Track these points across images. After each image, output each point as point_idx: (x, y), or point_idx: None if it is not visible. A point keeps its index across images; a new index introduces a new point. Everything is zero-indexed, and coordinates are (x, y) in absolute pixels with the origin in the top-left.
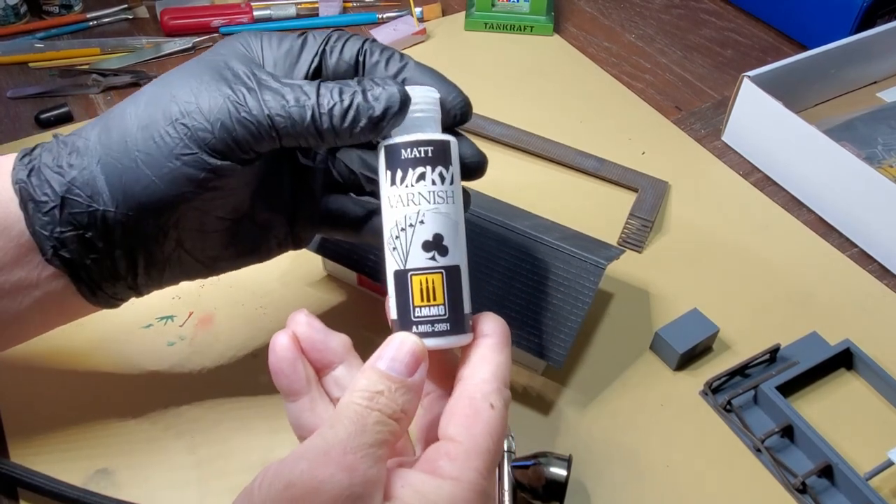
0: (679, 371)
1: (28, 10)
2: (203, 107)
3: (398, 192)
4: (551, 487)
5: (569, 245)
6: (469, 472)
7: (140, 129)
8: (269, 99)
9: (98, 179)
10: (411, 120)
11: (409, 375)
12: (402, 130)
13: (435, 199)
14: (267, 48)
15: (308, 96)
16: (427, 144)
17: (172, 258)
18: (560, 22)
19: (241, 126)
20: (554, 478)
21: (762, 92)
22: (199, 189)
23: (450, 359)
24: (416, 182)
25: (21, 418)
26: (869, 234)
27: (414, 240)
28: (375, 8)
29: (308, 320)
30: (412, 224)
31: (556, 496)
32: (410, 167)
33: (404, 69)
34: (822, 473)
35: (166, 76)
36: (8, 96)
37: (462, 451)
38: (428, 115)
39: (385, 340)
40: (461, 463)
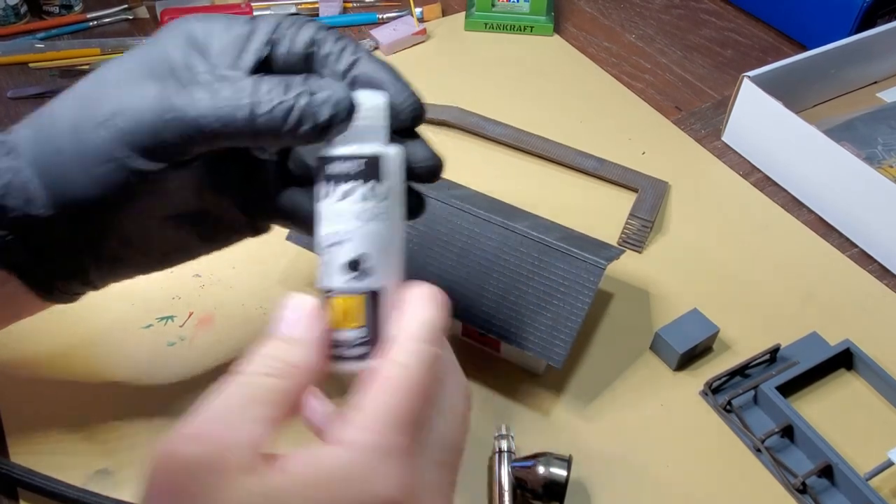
0: (679, 371)
1: (28, 10)
2: (132, 106)
3: (326, 207)
4: (551, 487)
5: (569, 245)
6: (366, 433)
7: (71, 131)
8: (201, 97)
9: (32, 183)
10: (352, 128)
11: (295, 334)
12: (341, 140)
13: (363, 217)
14: (213, 35)
15: (245, 94)
16: (358, 158)
17: (121, 255)
18: (560, 22)
19: (170, 128)
20: (554, 478)
21: (762, 92)
22: (134, 192)
23: None
24: (344, 198)
25: (21, 418)
26: (869, 234)
27: (338, 259)
28: (375, 8)
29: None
30: (338, 242)
31: (556, 496)
32: (339, 182)
33: (356, 64)
34: (822, 473)
35: (100, 70)
36: (8, 96)
37: (360, 415)
38: (370, 123)
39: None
40: (358, 425)
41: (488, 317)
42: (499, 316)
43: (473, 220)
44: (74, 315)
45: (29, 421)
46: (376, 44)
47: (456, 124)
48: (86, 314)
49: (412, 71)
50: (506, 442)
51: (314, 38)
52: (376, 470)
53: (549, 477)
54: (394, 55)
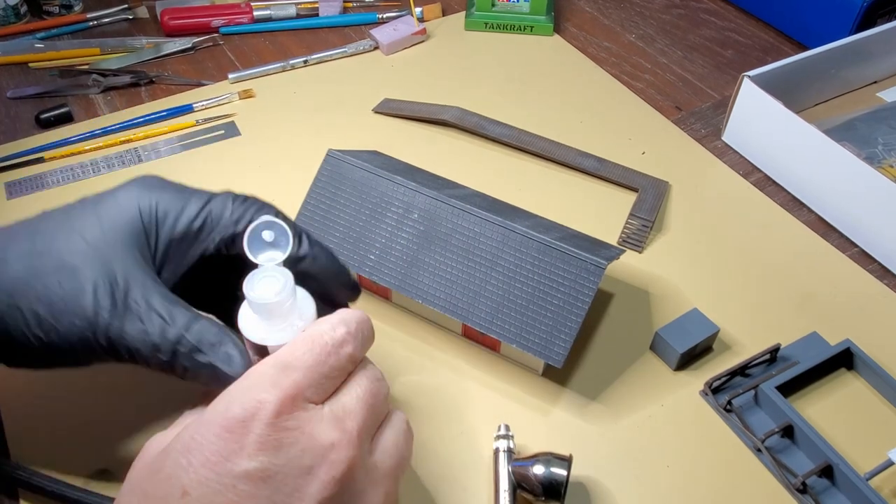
0: (679, 371)
1: (28, 10)
2: (65, 309)
3: None
4: (551, 487)
5: (569, 245)
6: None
7: (12, 289)
8: (129, 331)
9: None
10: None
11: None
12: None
13: None
14: (164, 223)
15: (169, 341)
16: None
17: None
18: (560, 22)
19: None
20: (554, 478)
21: (762, 92)
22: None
23: None
24: None
25: (21, 418)
26: (869, 233)
27: None
28: (375, 8)
29: None
30: None
31: (556, 496)
32: None
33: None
34: (823, 473)
35: (46, 234)
36: (8, 96)
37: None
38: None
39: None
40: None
41: (488, 317)
42: (499, 316)
43: (473, 220)
44: None
45: (29, 421)
46: (376, 43)
47: (456, 124)
48: None
49: (412, 71)
50: (506, 442)
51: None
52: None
53: (549, 477)
54: (394, 55)
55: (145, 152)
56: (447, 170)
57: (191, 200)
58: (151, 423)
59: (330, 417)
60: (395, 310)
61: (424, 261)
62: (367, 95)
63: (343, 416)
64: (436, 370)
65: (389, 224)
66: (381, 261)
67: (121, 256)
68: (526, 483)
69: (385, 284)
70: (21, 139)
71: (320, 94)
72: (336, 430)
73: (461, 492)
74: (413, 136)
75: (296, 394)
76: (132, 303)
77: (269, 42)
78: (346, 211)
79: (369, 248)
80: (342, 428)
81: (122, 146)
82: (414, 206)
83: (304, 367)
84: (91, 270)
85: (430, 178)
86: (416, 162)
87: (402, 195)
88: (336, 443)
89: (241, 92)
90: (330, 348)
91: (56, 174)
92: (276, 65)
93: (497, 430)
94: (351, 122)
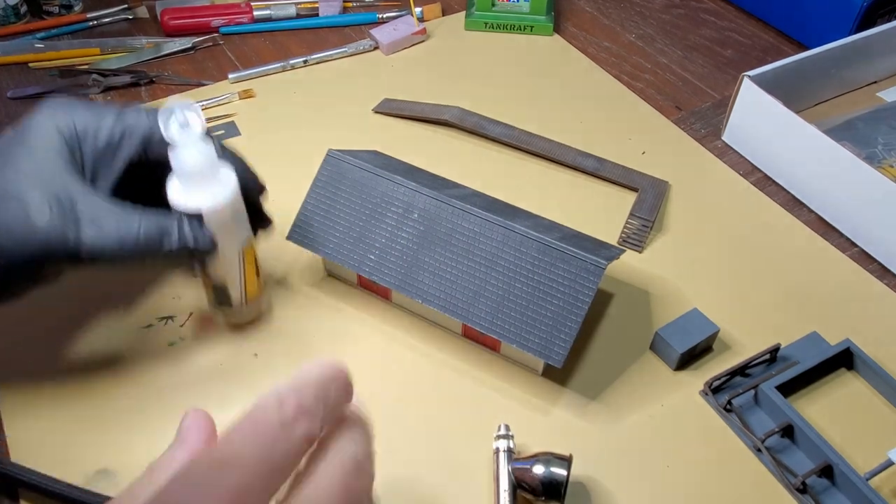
0: (679, 371)
1: (28, 10)
2: (21, 232)
3: None
4: (551, 487)
5: (569, 245)
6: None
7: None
8: (87, 236)
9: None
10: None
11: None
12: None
13: None
14: (86, 139)
15: (131, 235)
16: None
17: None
18: (560, 22)
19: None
20: (554, 477)
21: (762, 91)
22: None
23: None
24: None
25: (21, 418)
26: (869, 233)
27: None
28: (375, 8)
29: None
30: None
31: (556, 496)
32: None
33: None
34: (823, 473)
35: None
36: (8, 96)
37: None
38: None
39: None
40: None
41: (488, 317)
42: (499, 316)
43: (473, 220)
44: (74, 315)
45: (29, 421)
46: (376, 43)
47: (456, 124)
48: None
49: (412, 71)
50: (506, 442)
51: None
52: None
53: (549, 476)
54: (394, 55)
55: None
56: (447, 170)
57: (105, 115)
58: (151, 422)
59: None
60: (395, 310)
61: (424, 261)
62: (367, 95)
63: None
64: (436, 370)
65: (389, 224)
66: (381, 261)
67: (56, 176)
68: (526, 483)
69: (385, 284)
70: None
71: (320, 94)
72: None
73: (461, 492)
74: (413, 136)
75: (237, 500)
76: (80, 213)
77: (269, 42)
78: (346, 211)
79: (369, 248)
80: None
81: None
82: (414, 206)
83: (245, 463)
84: (33, 193)
85: (430, 178)
86: (416, 162)
87: (402, 195)
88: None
89: (241, 92)
90: (277, 431)
91: None
92: (276, 65)
93: (497, 430)
94: (351, 122)
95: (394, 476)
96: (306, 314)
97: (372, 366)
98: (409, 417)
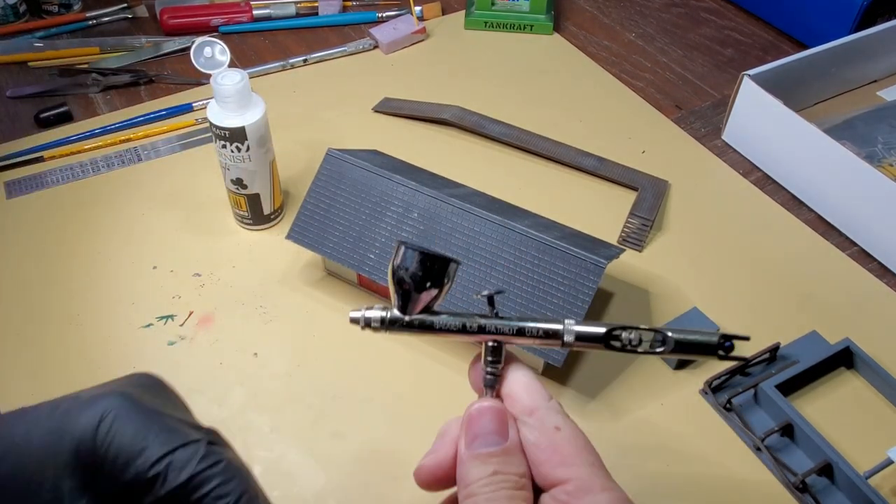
0: (679, 370)
1: (27, 9)
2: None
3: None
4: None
5: (569, 244)
6: (604, 495)
7: None
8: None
9: None
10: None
11: (504, 440)
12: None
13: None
14: (104, 464)
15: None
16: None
17: None
18: (560, 21)
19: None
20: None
21: (762, 91)
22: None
23: None
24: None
25: None
26: (869, 232)
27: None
28: (375, 7)
29: None
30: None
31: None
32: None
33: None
34: (822, 472)
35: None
36: (7, 96)
37: (579, 486)
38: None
39: (464, 417)
40: (593, 492)
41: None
42: (499, 314)
43: (473, 219)
44: (76, 314)
45: None
46: (376, 42)
47: (456, 123)
48: (86, 313)
49: (412, 70)
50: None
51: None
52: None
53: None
54: (393, 54)
55: (145, 151)
56: (447, 169)
57: (151, 444)
58: None
59: None
60: None
61: None
62: (366, 94)
63: None
64: (436, 369)
65: (389, 223)
66: (381, 260)
67: (64, 492)
68: None
69: (385, 284)
70: (20, 138)
71: (320, 93)
72: None
73: None
74: (413, 135)
75: None
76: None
77: (268, 41)
78: (345, 210)
79: (369, 248)
80: None
81: (122, 145)
82: (414, 205)
83: None
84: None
85: (429, 177)
86: (415, 161)
87: (402, 194)
88: None
89: None
90: None
91: (56, 173)
92: (275, 64)
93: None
94: (351, 121)
95: (394, 475)
96: (306, 314)
97: (372, 365)
98: (410, 416)
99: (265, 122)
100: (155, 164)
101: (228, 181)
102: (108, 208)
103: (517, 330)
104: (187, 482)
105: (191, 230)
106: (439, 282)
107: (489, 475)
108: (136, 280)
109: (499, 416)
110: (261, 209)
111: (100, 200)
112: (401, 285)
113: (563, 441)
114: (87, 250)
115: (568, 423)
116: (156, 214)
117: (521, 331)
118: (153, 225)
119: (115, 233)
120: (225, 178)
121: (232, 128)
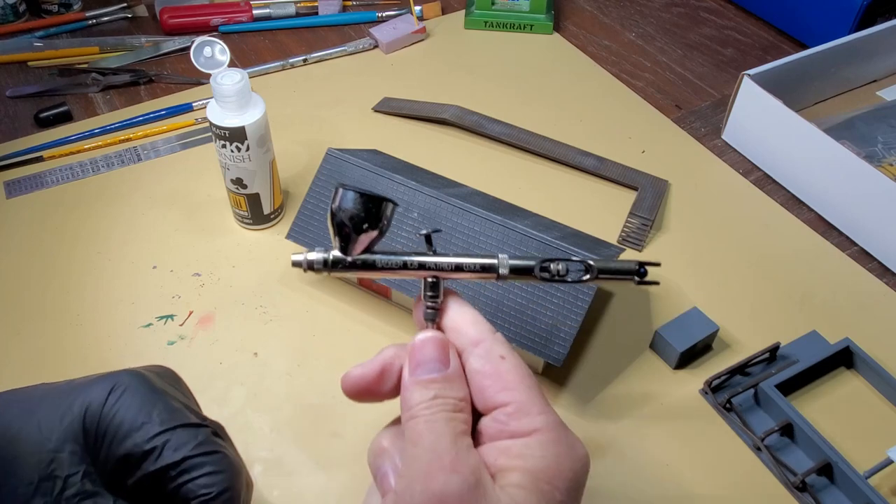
0: (679, 370)
1: (27, 8)
2: None
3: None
4: None
5: (568, 244)
6: (541, 417)
7: None
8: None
9: None
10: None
11: (446, 367)
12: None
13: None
14: (106, 438)
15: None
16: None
17: None
18: (560, 20)
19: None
20: None
21: (762, 90)
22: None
23: None
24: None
25: None
26: (869, 232)
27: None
28: (375, 6)
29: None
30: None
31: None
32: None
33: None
34: (822, 472)
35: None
36: (7, 95)
37: (518, 407)
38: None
39: (408, 347)
40: (531, 415)
41: (488, 315)
42: (498, 314)
43: (473, 219)
44: (75, 314)
45: None
46: (376, 42)
47: (455, 123)
48: (86, 313)
49: (412, 69)
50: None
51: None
52: (567, 435)
53: None
54: (393, 53)
55: (144, 151)
56: (447, 168)
57: (150, 422)
58: None
59: None
60: (395, 309)
61: None
62: (366, 94)
63: None
64: None
65: None
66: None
67: (64, 453)
68: None
69: (385, 284)
70: (20, 138)
71: (320, 93)
72: None
73: None
74: (412, 135)
75: None
76: (65, 500)
77: (268, 41)
78: None
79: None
80: None
81: (122, 145)
82: (414, 204)
83: None
84: (30, 465)
85: (429, 177)
86: (415, 160)
87: (402, 194)
88: None
89: None
90: None
91: (55, 173)
92: (275, 63)
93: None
94: (350, 121)
95: None
96: (306, 314)
97: None
98: None
99: (265, 121)
100: (155, 164)
101: (228, 181)
102: (108, 208)
103: (455, 266)
104: (180, 462)
105: (191, 230)
106: (377, 222)
107: (430, 399)
108: (136, 280)
109: (440, 346)
110: (261, 209)
111: (99, 200)
112: (341, 227)
113: (506, 368)
114: (86, 250)
115: (512, 354)
116: (155, 214)
117: (459, 266)
118: (153, 225)
119: (114, 232)
120: (225, 177)
121: (232, 128)
